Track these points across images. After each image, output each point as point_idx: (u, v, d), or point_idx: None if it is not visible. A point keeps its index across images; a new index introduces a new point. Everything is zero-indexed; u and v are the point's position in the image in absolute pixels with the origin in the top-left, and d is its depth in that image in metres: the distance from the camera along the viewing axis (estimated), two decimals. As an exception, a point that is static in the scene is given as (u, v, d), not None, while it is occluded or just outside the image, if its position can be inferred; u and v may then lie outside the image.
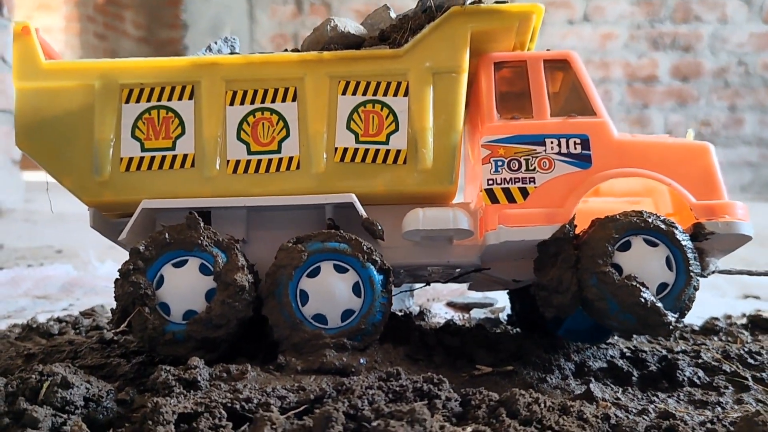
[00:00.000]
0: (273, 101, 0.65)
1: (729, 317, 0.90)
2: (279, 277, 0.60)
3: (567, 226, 0.61)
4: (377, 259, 0.61)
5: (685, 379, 0.60)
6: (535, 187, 0.63)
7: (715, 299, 1.07)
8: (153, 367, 0.56)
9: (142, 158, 0.65)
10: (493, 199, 0.63)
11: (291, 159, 0.64)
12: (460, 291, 1.02)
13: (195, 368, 0.52)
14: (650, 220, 0.59)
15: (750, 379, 0.60)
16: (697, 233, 0.61)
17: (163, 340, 0.59)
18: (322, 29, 0.67)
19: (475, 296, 0.97)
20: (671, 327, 0.57)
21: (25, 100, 0.64)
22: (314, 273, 0.60)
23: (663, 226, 0.59)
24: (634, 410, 0.53)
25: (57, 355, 0.66)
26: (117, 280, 0.61)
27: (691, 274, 0.59)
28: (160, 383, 0.51)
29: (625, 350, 0.68)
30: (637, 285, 0.57)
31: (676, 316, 0.58)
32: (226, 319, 0.59)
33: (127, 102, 0.65)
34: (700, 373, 0.61)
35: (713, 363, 0.63)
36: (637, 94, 3.94)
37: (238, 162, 0.64)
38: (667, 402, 0.56)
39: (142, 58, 0.66)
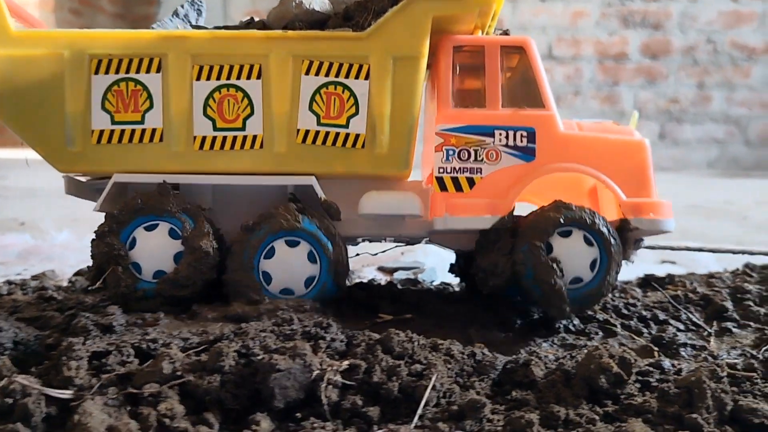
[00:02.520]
0: (238, 78, 0.67)
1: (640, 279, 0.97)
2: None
3: (506, 218, 0.67)
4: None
5: (562, 326, 0.67)
6: (481, 178, 0.68)
7: (634, 264, 1.14)
8: (78, 318, 0.62)
9: (112, 131, 0.67)
10: (443, 187, 0.68)
11: (255, 137, 0.67)
12: (393, 257, 1.08)
13: (112, 315, 0.59)
14: (597, 222, 0.65)
15: (619, 326, 0.67)
16: (623, 227, 0.68)
17: (135, 297, 0.65)
18: (288, 4, 0.69)
19: (405, 260, 1.03)
20: (565, 314, 0.64)
21: None
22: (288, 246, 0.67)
23: (605, 232, 0.65)
24: (508, 351, 0.60)
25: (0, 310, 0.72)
26: (93, 240, 0.67)
27: (607, 282, 0.66)
28: (80, 327, 0.57)
29: (515, 303, 0.75)
30: (556, 268, 0.64)
31: (575, 308, 0.65)
32: (192, 280, 0.65)
33: (96, 73, 0.67)
34: (576, 322, 0.68)
35: (590, 313, 0.70)
36: (608, 71, 4.01)
37: (204, 138, 0.67)
38: (541, 345, 0.63)
39: (111, 29, 0.68)
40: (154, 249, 0.66)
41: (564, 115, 0.71)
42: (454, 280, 0.90)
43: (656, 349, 0.61)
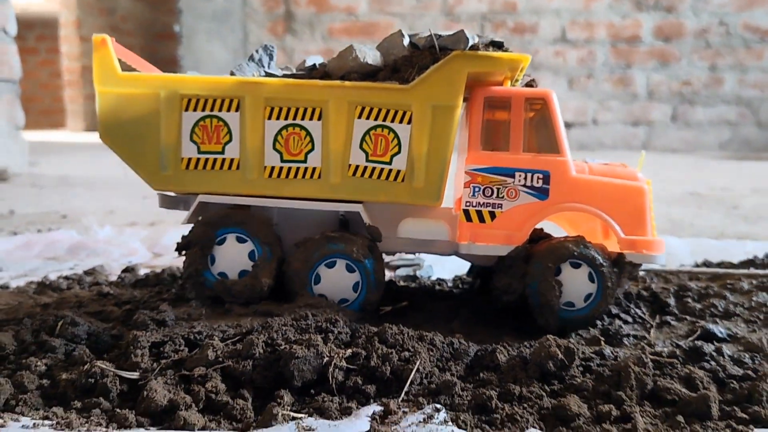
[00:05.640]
0: (303, 119, 0.78)
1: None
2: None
3: (520, 247, 0.79)
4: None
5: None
6: (502, 212, 0.79)
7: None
8: (137, 312, 0.77)
9: (198, 159, 0.80)
10: (468, 218, 0.80)
11: (314, 169, 0.79)
12: (398, 254, 1.21)
13: (164, 311, 0.73)
14: (603, 265, 0.77)
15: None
16: (619, 260, 0.79)
17: (196, 281, 0.79)
18: (346, 56, 0.80)
19: (408, 257, 1.17)
20: (551, 327, 0.77)
21: (105, 103, 0.78)
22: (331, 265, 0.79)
23: (607, 276, 0.77)
24: (482, 341, 0.73)
25: (66, 304, 0.86)
26: (199, 222, 0.80)
27: (593, 315, 0.77)
28: (140, 322, 0.72)
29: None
30: (557, 289, 0.77)
31: (558, 326, 0.77)
32: (242, 296, 0.78)
33: (186, 110, 0.79)
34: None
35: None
36: (621, 54, 4.09)
37: (273, 168, 0.79)
38: (508, 335, 0.76)
39: (199, 75, 0.80)
40: (232, 256, 0.79)
41: (578, 98, 0.81)
42: (447, 276, 1.04)
43: (602, 339, 0.74)
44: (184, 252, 0.81)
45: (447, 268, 1.11)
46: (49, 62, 6.90)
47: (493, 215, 0.79)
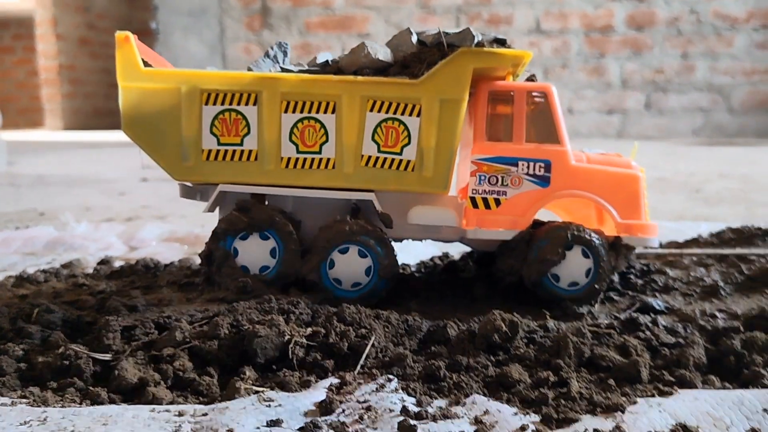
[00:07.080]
0: (317, 112, 0.82)
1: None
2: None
3: (524, 231, 0.84)
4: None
5: (483, 298, 0.85)
6: (506, 199, 0.84)
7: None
8: (110, 299, 0.81)
9: (218, 151, 0.83)
10: (475, 205, 0.85)
11: (329, 160, 0.83)
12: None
13: (136, 298, 0.77)
14: (605, 269, 0.82)
15: (529, 296, 0.86)
16: (615, 243, 0.84)
17: (216, 236, 0.82)
18: (358, 53, 0.84)
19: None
20: (530, 283, 0.82)
21: (128, 97, 0.81)
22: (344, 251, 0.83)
23: (602, 275, 0.82)
24: (435, 318, 0.78)
25: (43, 295, 0.90)
26: (268, 206, 0.84)
27: (570, 298, 0.81)
28: (113, 308, 0.76)
29: (458, 281, 0.93)
30: (559, 256, 0.81)
31: (535, 287, 0.82)
32: (223, 280, 0.81)
33: (206, 104, 0.82)
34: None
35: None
36: (595, 43, 4.16)
37: (289, 159, 0.84)
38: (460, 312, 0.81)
39: (218, 70, 0.84)
40: (254, 252, 0.83)
41: (556, 87, 0.85)
42: (412, 261, 1.08)
43: (548, 313, 0.79)
44: (236, 208, 0.83)
45: (413, 254, 1.15)
46: (25, 61, 6.85)
47: (498, 202, 0.84)
